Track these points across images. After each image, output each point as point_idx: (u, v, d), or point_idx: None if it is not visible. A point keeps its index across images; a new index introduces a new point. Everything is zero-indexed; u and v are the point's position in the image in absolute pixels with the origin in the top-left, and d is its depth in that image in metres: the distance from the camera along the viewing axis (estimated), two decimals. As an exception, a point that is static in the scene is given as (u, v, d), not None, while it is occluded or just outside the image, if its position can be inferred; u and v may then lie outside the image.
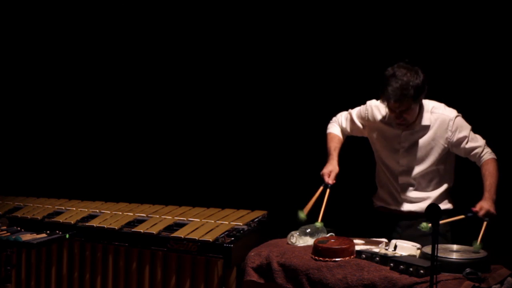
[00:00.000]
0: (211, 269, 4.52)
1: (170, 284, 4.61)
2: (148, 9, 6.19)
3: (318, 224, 4.41)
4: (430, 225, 4.20)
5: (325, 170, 4.51)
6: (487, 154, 4.28)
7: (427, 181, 4.39)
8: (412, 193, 4.41)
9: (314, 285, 4.17)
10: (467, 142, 4.28)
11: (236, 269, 4.53)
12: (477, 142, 4.29)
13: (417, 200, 4.41)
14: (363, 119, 4.53)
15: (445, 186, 4.43)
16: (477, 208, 4.22)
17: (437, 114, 4.31)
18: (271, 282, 4.33)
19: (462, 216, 4.25)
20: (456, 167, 4.45)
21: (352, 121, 4.59)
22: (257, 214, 4.96)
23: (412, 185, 4.40)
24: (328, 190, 4.47)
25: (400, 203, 4.44)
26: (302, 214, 4.43)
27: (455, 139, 4.29)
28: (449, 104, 4.38)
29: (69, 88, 6.50)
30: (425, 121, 4.31)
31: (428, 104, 4.34)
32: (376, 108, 4.47)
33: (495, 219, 4.26)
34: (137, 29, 6.24)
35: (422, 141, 4.33)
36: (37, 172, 6.51)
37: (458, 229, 4.36)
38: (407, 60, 4.22)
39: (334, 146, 4.59)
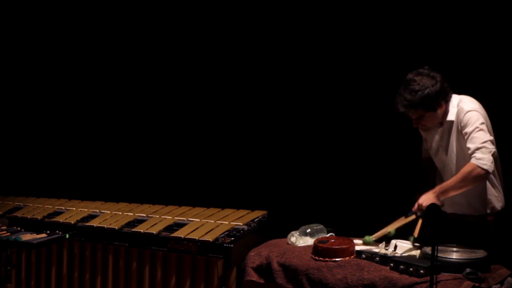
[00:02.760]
0: (211, 269, 4.52)
1: (170, 284, 4.61)
2: (148, 9, 6.19)
3: (368, 238, 4.38)
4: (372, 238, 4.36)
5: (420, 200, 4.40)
6: (473, 159, 4.11)
7: None
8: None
9: (314, 285, 4.17)
10: (466, 139, 4.19)
11: (236, 269, 4.54)
12: (473, 143, 4.13)
13: (460, 201, 4.32)
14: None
15: (486, 187, 4.30)
16: (415, 207, 4.23)
17: (459, 107, 4.25)
18: (271, 282, 4.33)
19: (403, 218, 4.26)
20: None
21: (425, 139, 4.55)
22: (257, 214, 4.96)
23: None
24: (412, 217, 4.35)
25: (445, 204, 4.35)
26: (369, 238, 4.39)
27: (462, 132, 4.21)
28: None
29: (69, 88, 6.50)
30: (450, 116, 4.26)
31: (456, 99, 4.28)
32: None
33: (499, 220, 4.25)
34: (137, 29, 6.23)
35: (452, 136, 4.27)
36: (37, 172, 6.51)
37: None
38: (426, 67, 4.20)
39: (433, 176, 4.52)
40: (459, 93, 4.32)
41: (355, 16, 5.56)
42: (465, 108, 4.22)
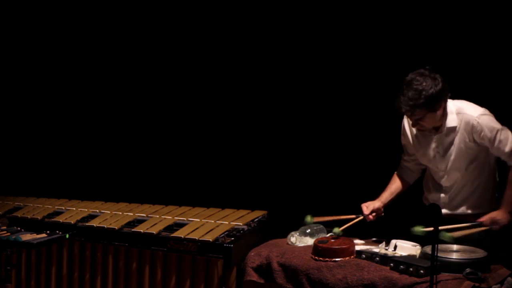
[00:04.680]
0: (211, 269, 4.52)
1: (170, 284, 4.61)
2: (148, 9, 6.19)
3: (336, 230, 4.45)
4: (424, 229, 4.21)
5: (365, 203, 4.51)
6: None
7: (469, 184, 4.33)
8: (454, 197, 4.36)
9: (314, 285, 4.17)
10: (493, 144, 4.20)
11: (236, 269, 4.53)
12: (503, 146, 4.19)
13: (459, 204, 4.36)
14: (405, 135, 4.49)
15: (487, 189, 4.35)
16: (484, 218, 4.21)
17: (461, 114, 4.24)
18: (271, 282, 4.33)
19: (465, 224, 4.24)
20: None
21: (405, 146, 4.54)
22: (257, 214, 4.96)
23: (453, 189, 4.35)
24: (360, 218, 4.49)
25: (443, 206, 4.36)
26: (310, 218, 4.48)
27: (480, 140, 4.21)
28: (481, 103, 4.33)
29: (69, 88, 6.50)
30: (450, 122, 4.25)
31: (454, 105, 4.28)
32: None
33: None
34: (137, 29, 6.23)
35: (452, 143, 4.28)
36: (37, 172, 6.50)
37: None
38: (427, 67, 4.19)
39: (388, 187, 4.58)
40: (455, 96, 4.33)
41: (352, 17, 5.57)
42: (473, 115, 4.23)
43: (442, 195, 4.37)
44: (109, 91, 6.39)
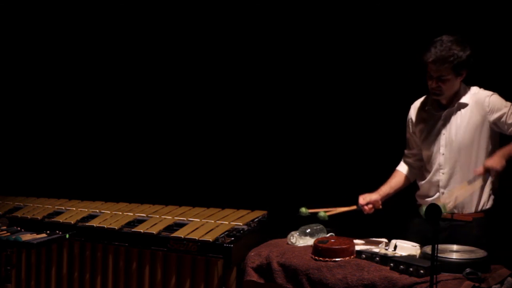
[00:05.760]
0: (211, 269, 4.53)
1: (170, 284, 4.62)
2: (148, 9, 6.19)
3: (322, 213, 4.46)
4: (309, 211, 4.47)
5: (363, 195, 4.52)
6: None
7: (466, 177, 4.30)
8: (455, 185, 4.33)
9: (314, 285, 4.17)
10: (507, 118, 4.23)
11: (236, 269, 4.54)
12: None
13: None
14: (410, 125, 4.50)
15: (484, 190, 4.32)
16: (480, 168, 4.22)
17: (474, 94, 4.29)
18: (271, 282, 4.33)
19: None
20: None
21: (408, 140, 4.56)
22: (257, 214, 4.96)
23: (455, 175, 4.33)
24: (353, 207, 4.51)
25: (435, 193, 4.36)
26: (304, 209, 4.48)
27: (494, 116, 4.24)
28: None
29: (69, 88, 6.50)
30: (463, 99, 4.29)
31: (468, 87, 4.33)
32: (418, 102, 4.47)
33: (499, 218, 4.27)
34: (137, 29, 6.24)
35: (462, 121, 4.28)
36: (37, 172, 6.51)
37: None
38: (459, 35, 4.24)
39: (388, 181, 4.59)
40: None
41: (352, 15, 5.57)
42: (488, 93, 4.30)
43: (441, 175, 4.34)
44: (109, 91, 6.39)
